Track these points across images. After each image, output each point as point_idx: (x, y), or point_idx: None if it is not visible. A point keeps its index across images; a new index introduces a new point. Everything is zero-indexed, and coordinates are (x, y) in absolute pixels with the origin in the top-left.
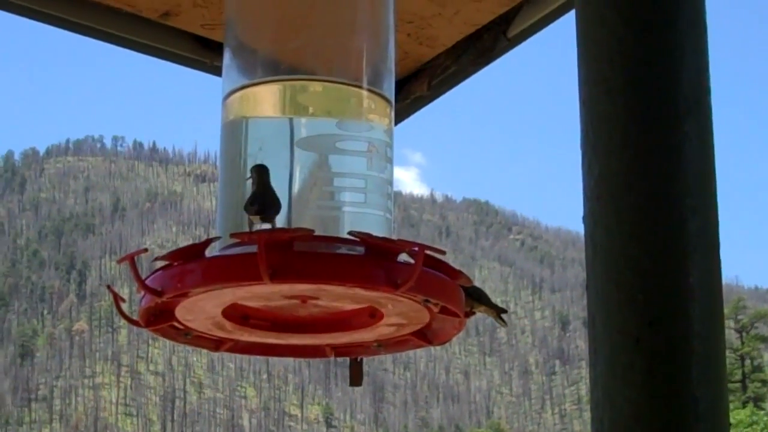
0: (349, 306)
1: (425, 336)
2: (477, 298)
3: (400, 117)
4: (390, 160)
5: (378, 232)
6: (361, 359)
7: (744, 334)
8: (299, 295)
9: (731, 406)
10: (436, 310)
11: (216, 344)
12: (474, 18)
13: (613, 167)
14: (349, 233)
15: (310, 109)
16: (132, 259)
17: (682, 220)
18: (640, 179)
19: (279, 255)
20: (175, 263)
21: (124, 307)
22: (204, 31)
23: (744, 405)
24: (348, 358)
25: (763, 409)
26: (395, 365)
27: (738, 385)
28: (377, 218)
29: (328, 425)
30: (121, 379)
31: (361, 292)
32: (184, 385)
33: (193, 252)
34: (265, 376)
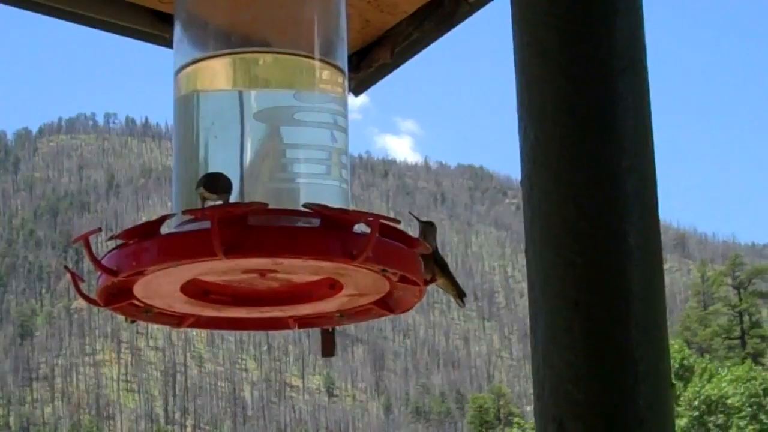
0: (309, 278)
1: (387, 305)
2: (442, 266)
3: (364, 85)
4: (344, 130)
5: (334, 202)
6: (333, 330)
7: (742, 290)
8: (257, 269)
9: (730, 362)
10: (395, 279)
11: (178, 320)
12: None
13: (548, 130)
14: (304, 205)
15: (263, 81)
16: (86, 240)
17: (618, 181)
18: (575, 141)
19: (233, 230)
20: (131, 242)
21: None
22: (162, 6)
23: (743, 361)
24: (325, 329)
25: (762, 364)
26: (395, 333)
27: (737, 341)
28: (333, 189)
29: (330, 395)
30: (122, 355)
31: (318, 264)
32: (185, 359)
33: (148, 230)
34: (265, 348)
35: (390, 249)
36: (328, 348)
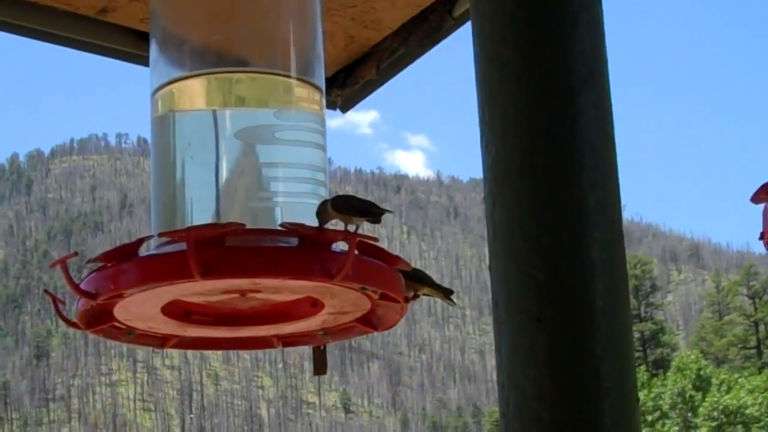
0: (290, 297)
1: (370, 322)
2: (419, 280)
3: (351, 102)
4: (323, 148)
5: (312, 221)
6: (324, 347)
7: (757, 300)
8: (236, 289)
9: (747, 372)
10: (375, 296)
11: (161, 341)
12: None
13: (509, 145)
14: (282, 225)
15: (241, 101)
16: (64, 264)
17: (580, 195)
18: (536, 156)
19: (210, 251)
20: (109, 264)
21: None
22: (143, 26)
23: (760, 371)
24: (317, 347)
25: None
26: (410, 348)
27: (753, 351)
28: (312, 208)
29: (346, 411)
30: (138, 374)
31: (297, 284)
32: (201, 378)
33: (126, 252)
34: (281, 365)
35: (369, 267)
36: (320, 366)
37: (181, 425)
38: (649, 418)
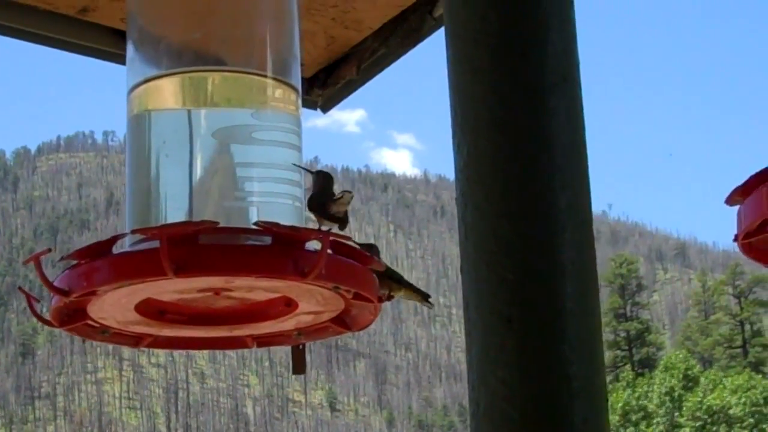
0: (264, 296)
1: (344, 322)
2: (397, 280)
3: (332, 102)
4: (298, 148)
5: (287, 220)
6: (303, 347)
7: (742, 299)
8: (210, 287)
9: (732, 372)
10: (349, 296)
11: (135, 340)
12: None
13: (480, 146)
14: (255, 223)
15: (217, 100)
16: (37, 260)
17: (551, 197)
18: (508, 157)
19: (183, 249)
20: (82, 262)
21: None
22: (124, 25)
23: (745, 370)
24: (296, 347)
25: (763, 373)
26: (396, 346)
27: (739, 350)
28: (286, 207)
29: (332, 409)
30: (124, 373)
31: (271, 283)
32: (187, 376)
33: (100, 249)
34: (267, 364)
35: (342, 266)
36: (299, 366)
37: (167, 423)
38: (633, 417)
